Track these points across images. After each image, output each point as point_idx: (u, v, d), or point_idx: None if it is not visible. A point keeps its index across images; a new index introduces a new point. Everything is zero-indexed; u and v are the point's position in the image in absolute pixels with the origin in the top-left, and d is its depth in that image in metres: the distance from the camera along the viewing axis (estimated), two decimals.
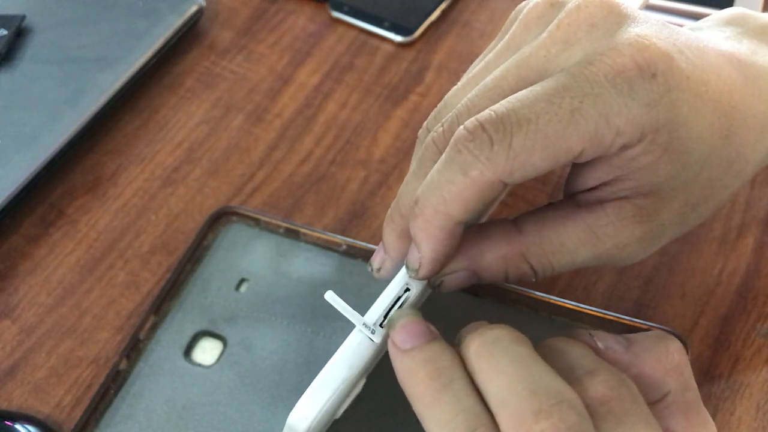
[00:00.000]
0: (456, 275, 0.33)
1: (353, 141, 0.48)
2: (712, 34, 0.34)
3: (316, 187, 0.46)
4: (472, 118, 0.29)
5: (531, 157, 0.28)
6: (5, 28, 0.50)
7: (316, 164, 0.47)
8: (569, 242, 0.32)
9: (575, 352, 0.29)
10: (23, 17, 0.51)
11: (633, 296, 0.41)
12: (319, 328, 0.39)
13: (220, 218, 0.43)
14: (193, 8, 0.52)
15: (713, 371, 0.38)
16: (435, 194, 0.29)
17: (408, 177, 0.33)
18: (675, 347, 0.31)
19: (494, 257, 0.33)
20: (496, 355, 0.27)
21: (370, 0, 0.54)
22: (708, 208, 0.32)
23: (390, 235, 0.33)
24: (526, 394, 0.26)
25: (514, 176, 0.29)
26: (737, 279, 0.41)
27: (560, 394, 0.26)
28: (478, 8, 0.55)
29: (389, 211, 0.33)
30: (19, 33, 0.50)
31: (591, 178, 0.32)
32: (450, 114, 0.32)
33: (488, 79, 0.31)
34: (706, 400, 0.31)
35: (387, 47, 0.53)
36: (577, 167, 0.32)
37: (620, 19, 0.30)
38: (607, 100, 0.28)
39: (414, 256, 0.31)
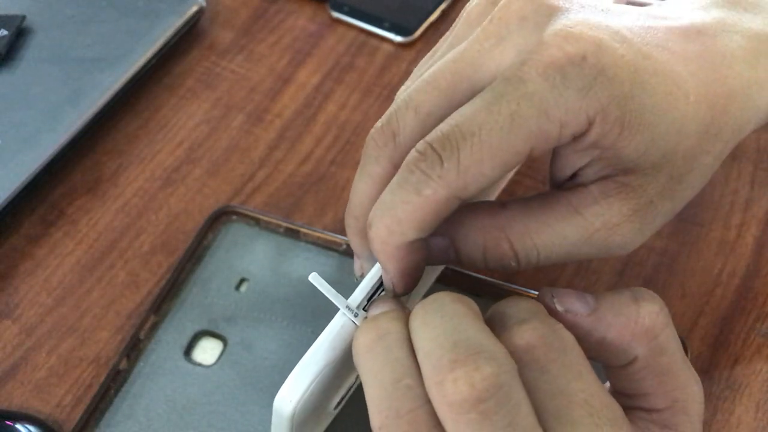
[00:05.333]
0: (435, 245, 0.32)
1: (353, 141, 0.48)
2: (678, 5, 0.34)
3: (316, 187, 0.46)
4: (422, 141, 0.29)
5: (481, 168, 0.28)
6: (5, 28, 0.50)
7: (316, 164, 0.47)
8: (554, 222, 0.31)
9: (517, 307, 0.29)
10: (23, 17, 0.51)
11: None
12: (319, 328, 0.39)
13: (220, 218, 0.43)
14: (194, 8, 0.52)
15: (713, 371, 0.38)
16: (389, 215, 0.29)
17: (355, 177, 0.33)
18: (648, 310, 0.29)
19: (473, 228, 0.32)
20: (430, 312, 0.28)
21: (370, 0, 0.54)
22: (695, 177, 0.32)
23: (353, 238, 0.34)
24: (448, 346, 0.26)
25: (469, 190, 0.29)
26: (737, 279, 0.41)
27: (481, 346, 0.26)
28: None
29: (345, 216, 0.34)
30: (19, 33, 0.50)
31: (567, 166, 0.32)
32: (389, 109, 0.32)
33: (426, 74, 0.32)
34: (706, 399, 0.31)
35: (387, 47, 0.53)
36: (553, 159, 0.32)
37: (550, 11, 0.30)
38: (542, 96, 0.28)
39: (386, 278, 0.31)
